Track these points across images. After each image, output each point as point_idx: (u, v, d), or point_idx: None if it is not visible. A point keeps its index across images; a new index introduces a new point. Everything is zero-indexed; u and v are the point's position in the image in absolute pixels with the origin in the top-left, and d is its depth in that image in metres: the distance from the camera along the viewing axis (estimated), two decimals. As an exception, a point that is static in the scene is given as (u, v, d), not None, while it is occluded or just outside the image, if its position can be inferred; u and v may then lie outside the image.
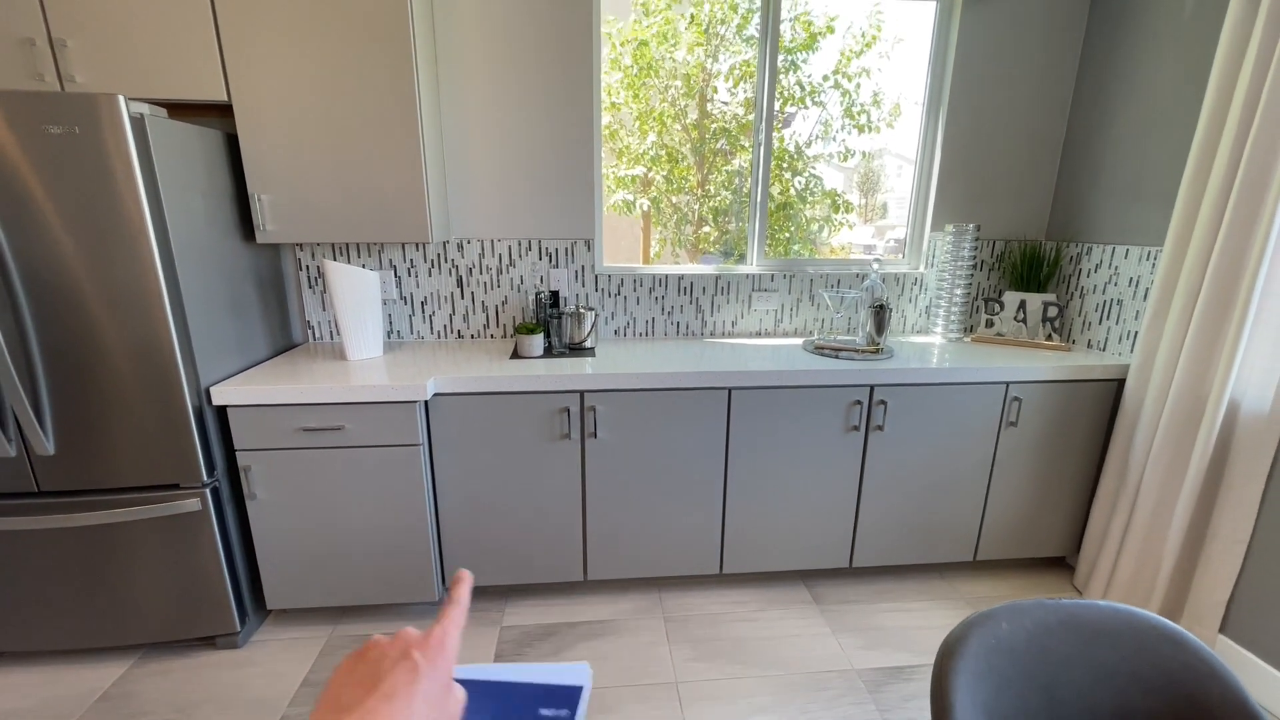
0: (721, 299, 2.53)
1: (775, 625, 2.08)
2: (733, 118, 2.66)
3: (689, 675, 1.86)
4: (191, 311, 1.73)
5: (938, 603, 2.21)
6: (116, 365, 1.64)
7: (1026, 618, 0.93)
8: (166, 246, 1.63)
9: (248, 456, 1.84)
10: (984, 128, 2.45)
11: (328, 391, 1.80)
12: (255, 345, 2.07)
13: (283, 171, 1.92)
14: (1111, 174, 2.26)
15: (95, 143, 1.49)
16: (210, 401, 1.78)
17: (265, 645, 1.97)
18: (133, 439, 1.71)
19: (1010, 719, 0.90)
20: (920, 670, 1.88)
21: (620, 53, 2.52)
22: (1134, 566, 2.05)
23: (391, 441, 1.87)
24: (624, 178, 2.82)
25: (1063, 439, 2.18)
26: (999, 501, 2.24)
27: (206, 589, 1.86)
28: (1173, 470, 1.94)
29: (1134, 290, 2.16)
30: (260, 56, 1.83)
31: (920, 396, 2.07)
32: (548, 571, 2.13)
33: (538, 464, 2.01)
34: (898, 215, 2.96)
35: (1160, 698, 0.92)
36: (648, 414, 2.00)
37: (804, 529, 2.19)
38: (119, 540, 1.78)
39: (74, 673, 1.84)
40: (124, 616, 1.85)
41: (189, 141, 1.74)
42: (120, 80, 1.80)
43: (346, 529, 1.94)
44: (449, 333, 2.45)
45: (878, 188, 3.03)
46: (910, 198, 2.60)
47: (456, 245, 2.36)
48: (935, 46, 2.42)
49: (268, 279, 2.17)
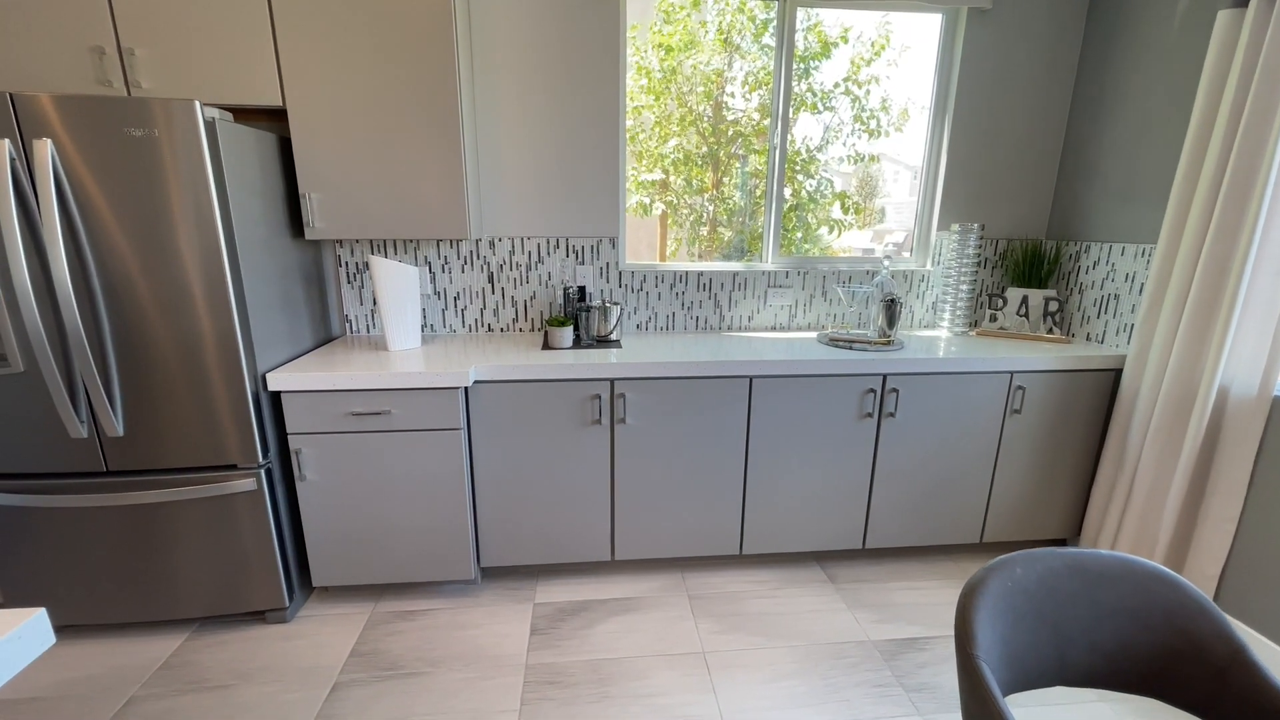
0: (739, 294, 2.66)
1: (794, 602, 2.20)
2: (747, 121, 2.79)
3: (715, 646, 1.97)
4: (252, 302, 1.84)
5: (946, 581, 2.33)
6: (182, 352, 1.76)
7: (1039, 563, 1.05)
8: (232, 242, 1.75)
9: (299, 440, 1.95)
10: (987, 132, 2.59)
11: (376, 378, 1.91)
12: (301, 336, 2.19)
13: (331, 172, 2.04)
14: (1107, 176, 2.39)
15: (172, 145, 1.61)
16: (266, 387, 1.90)
17: (312, 620, 2.08)
18: (195, 422, 1.82)
19: (1022, 649, 1.02)
20: (932, 642, 2.00)
21: (646, 57, 2.65)
22: (1131, 545, 2.17)
23: (434, 426, 1.99)
24: (644, 182, 2.95)
25: (1064, 426, 2.31)
26: (1004, 486, 2.36)
27: (258, 566, 1.97)
28: (1167, 454, 2.06)
29: (1130, 285, 2.29)
30: (313, 63, 1.95)
31: (930, 385, 2.20)
32: (577, 551, 2.25)
33: (569, 448, 2.13)
34: (895, 220, 3.08)
35: (1156, 633, 1.04)
36: (674, 402, 2.12)
37: (820, 512, 2.31)
38: (178, 518, 1.89)
39: (135, 644, 1.95)
40: (181, 591, 1.96)
41: (250, 144, 1.86)
42: (184, 87, 1.92)
43: (389, 509, 2.06)
44: (480, 326, 2.58)
45: (875, 193, 3.15)
46: (918, 198, 2.73)
47: (488, 243, 2.48)
48: (941, 55, 2.56)
49: (312, 274, 2.28)
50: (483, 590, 2.25)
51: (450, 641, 1.98)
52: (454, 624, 2.07)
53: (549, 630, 2.04)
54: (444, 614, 2.12)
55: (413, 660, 1.89)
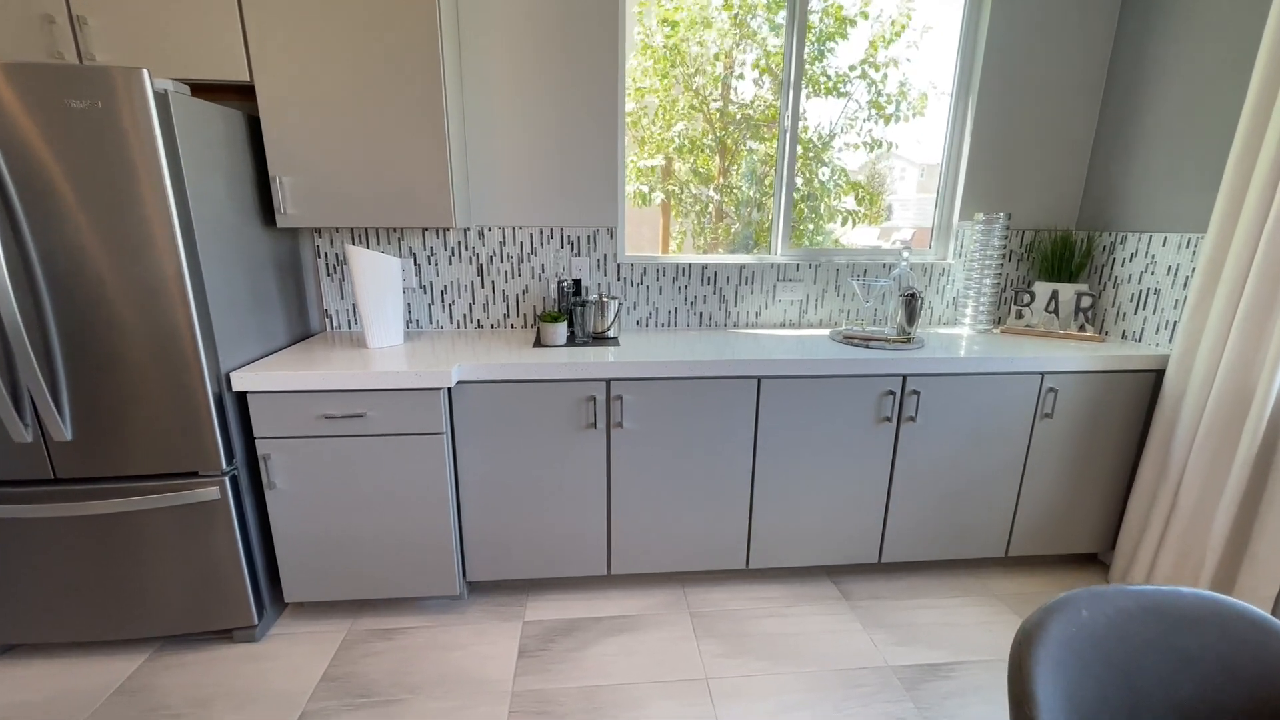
0: (745, 289, 2.49)
1: (804, 621, 2.03)
2: (760, 103, 2.62)
3: (719, 671, 1.80)
4: (213, 295, 1.69)
5: (969, 599, 2.16)
6: (136, 349, 1.60)
7: (1108, 603, 0.88)
8: (189, 227, 1.59)
9: (267, 444, 1.80)
10: (1014, 114, 2.40)
11: (350, 378, 1.75)
12: (274, 332, 2.03)
13: (304, 153, 1.88)
14: (1147, 160, 2.21)
15: (119, 119, 1.45)
16: (230, 388, 1.74)
17: (283, 639, 1.93)
18: (151, 425, 1.67)
19: (1091, 708, 0.85)
20: (957, 669, 1.83)
21: (652, 36, 2.48)
22: (1174, 561, 1.99)
23: (414, 430, 1.83)
24: (644, 169, 2.78)
25: (1099, 431, 2.12)
26: (1032, 495, 2.18)
27: (224, 581, 1.82)
28: (1217, 463, 1.88)
29: (1173, 279, 2.11)
30: (282, 36, 1.79)
31: (954, 387, 2.02)
32: (571, 565, 2.08)
33: (562, 454, 1.96)
34: (901, 218, 2.93)
35: (1247, 687, 0.87)
36: (675, 404, 1.95)
37: (832, 523, 2.14)
38: (135, 530, 1.74)
39: (88, 665, 1.80)
40: (140, 608, 1.81)
41: (212, 121, 1.71)
42: (141, 59, 1.76)
43: (366, 520, 1.90)
44: (469, 322, 2.41)
45: (883, 190, 2.99)
46: (938, 185, 2.55)
47: (477, 233, 2.32)
48: (965, 31, 2.38)
49: (287, 265, 2.13)
50: (469, 606, 2.09)
51: (431, 664, 1.82)
52: (436, 644, 1.91)
53: (539, 652, 1.88)
54: (426, 633, 1.96)
55: (389, 686, 1.74)
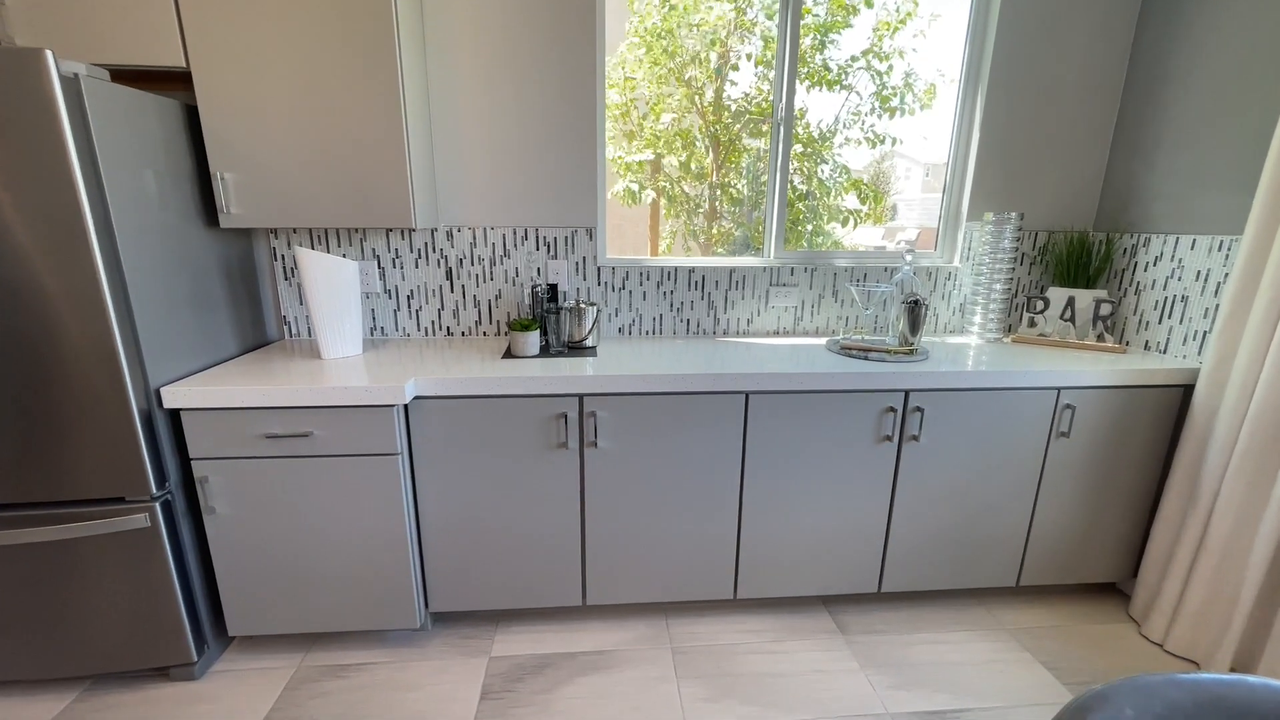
0: (736, 294, 2.31)
1: (796, 659, 1.85)
2: (756, 93, 2.44)
3: (700, 716, 1.63)
4: (139, 302, 1.52)
5: (977, 633, 1.98)
6: (55, 363, 1.44)
7: (1154, 698, 0.70)
8: (107, 228, 1.43)
9: (204, 466, 1.64)
10: (1026, 107, 2.22)
11: (293, 394, 1.59)
12: (222, 342, 1.87)
13: (248, 147, 1.72)
14: (1173, 156, 2.02)
15: (17, 107, 1.29)
16: (161, 404, 1.58)
17: (226, 677, 1.76)
18: (75, 447, 1.50)
19: (1138, 838, 0.67)
20: (965, 715, 1.65)
21: (645, 15, 2.30)
22: (1205, 595, 1.81)
23: (366, 450, 1.67)
24: (632, 163, 2.61)
25: (1120, 452, 1.94)
26: (1046, 520, 2.00)
27: (159, 614, 1.66)
28: (1255, 488, 1.70)
29: (1202, 285, 1.92)
30: (223, 17, 1.63)
31: (962, 403, 1.84)
32: (542, 595, 1.91)
33: (531, 476, 1.80)
34: (906, 217, 2.78)
35: (1333, 807, 0.69)
36: (655, 421, 1.78)
37: (828, 550, 1.96)
38: (59, 561, 1.58)
39: (8, 708, 1.64)
40: (67, 644, 1.65)
41: (139, 110, 1.54)
42: (66, 43, 1.60)
43: (317, 547, 1.74)
44: (437, 329, 2.25)
45: (888, 189, 2.84)
46: (944, 182, 2.37)
47: (446, 233, 2.15)
48: (974, 19, 2.20)
49: (237, 270, 1.97)
50: (431, 639, 1.92)
51: (383, 707, 1.66)
52: (391, 683, 1.74)
53: (503, 693, 1.71)
54: (382, 670, 1.79)
55: (334, 734, 1.57)
